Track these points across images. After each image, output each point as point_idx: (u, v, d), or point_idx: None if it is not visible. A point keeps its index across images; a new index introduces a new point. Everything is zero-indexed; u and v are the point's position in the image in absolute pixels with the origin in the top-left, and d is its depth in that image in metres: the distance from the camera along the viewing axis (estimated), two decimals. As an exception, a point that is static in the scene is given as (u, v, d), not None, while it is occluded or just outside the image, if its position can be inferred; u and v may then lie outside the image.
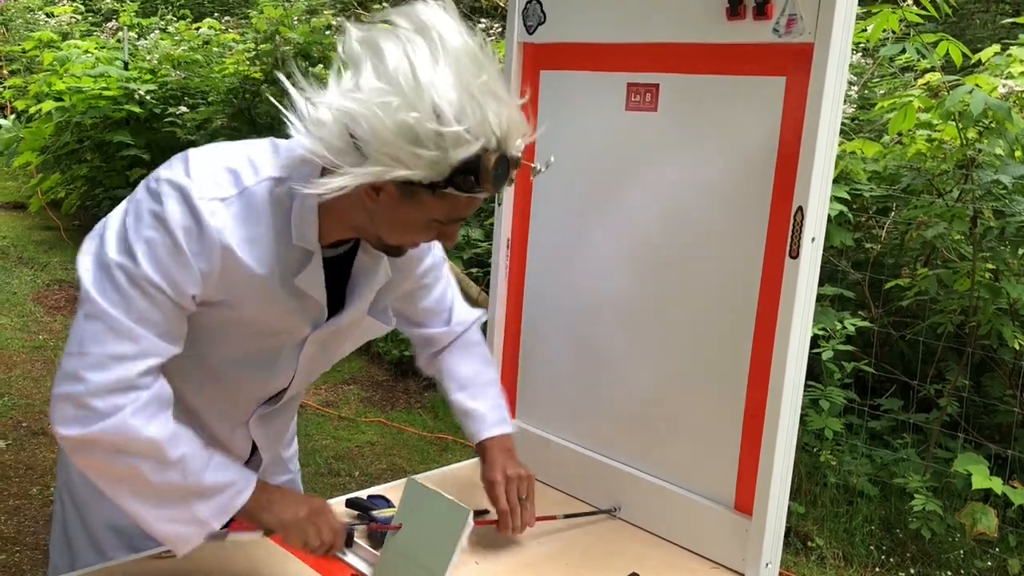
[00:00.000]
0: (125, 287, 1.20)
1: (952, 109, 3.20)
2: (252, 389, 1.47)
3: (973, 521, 3.12)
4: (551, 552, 1.61)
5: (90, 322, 1.21)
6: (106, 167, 7.13)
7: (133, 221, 1.23)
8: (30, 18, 10.32)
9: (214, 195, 1.24)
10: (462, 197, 1.22)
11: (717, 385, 1.60)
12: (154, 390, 1.24)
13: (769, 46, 1.45)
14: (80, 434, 1.20)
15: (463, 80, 1.15)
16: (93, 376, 1.19)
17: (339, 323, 1.43)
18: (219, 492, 1.30)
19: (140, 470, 1.23)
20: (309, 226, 1.30)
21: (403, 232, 1.29)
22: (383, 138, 1.14)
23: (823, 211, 1.45)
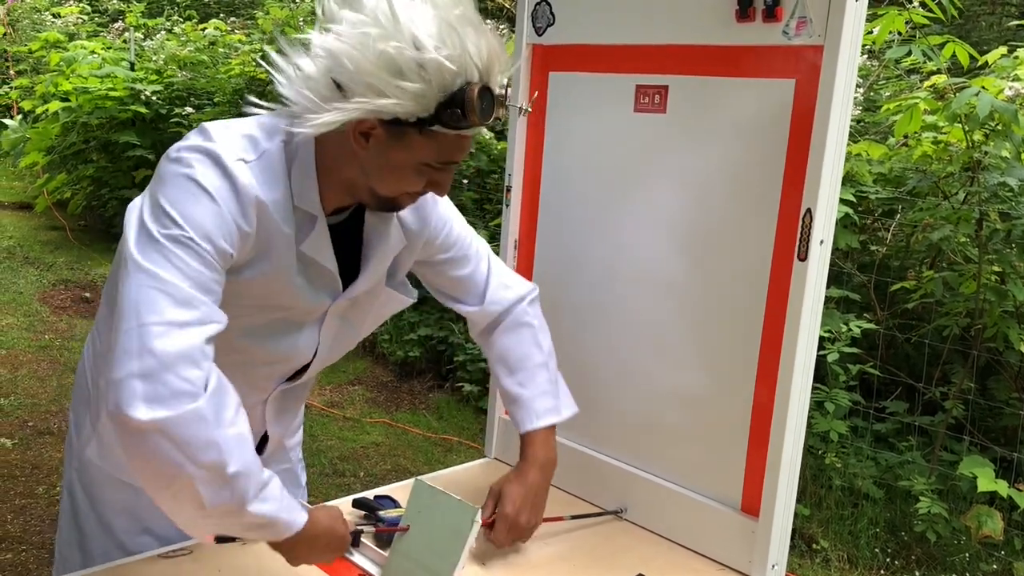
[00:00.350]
0: (172, 250, 1.16)
1: (958, 111, 3.20)
2: (275, 364, 1.45)
3: (978, 524, 3.12)
4: (558, 553, 1.61)
5: (144, 291, 1.13)
6: (112, 167, 7.15)
7: (168, 190, 1.20)
8: (37, 19, 10.35)
9: (240, 156, 1.25)
10: (450, 135, 1.23)
11: (725, 387, 1.60)
12: (220, 376, 1.17)
13: (778, 48, 1.45)
14: (153, 419, 1.08)
15: (440, 11, 1.18)
16: (160, 346, 1.10)
17: (356, 291, 1.43)
18: (259, 526, 1.22)
19: (193, 480, 1.12)
20: (308, 187, 1.30)
21: (394, 179, 1.28)
22: (365, 70, 1.16)
23: (832, 214, 1.45)
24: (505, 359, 1.65)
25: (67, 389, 4.43)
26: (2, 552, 3.06)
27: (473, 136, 1.28)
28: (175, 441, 1.10)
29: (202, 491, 1.13)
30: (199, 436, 1.11)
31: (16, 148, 7.66)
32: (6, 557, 3.03)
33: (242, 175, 1.23)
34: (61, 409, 4.21)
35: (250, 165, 1.25)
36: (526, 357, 1.65)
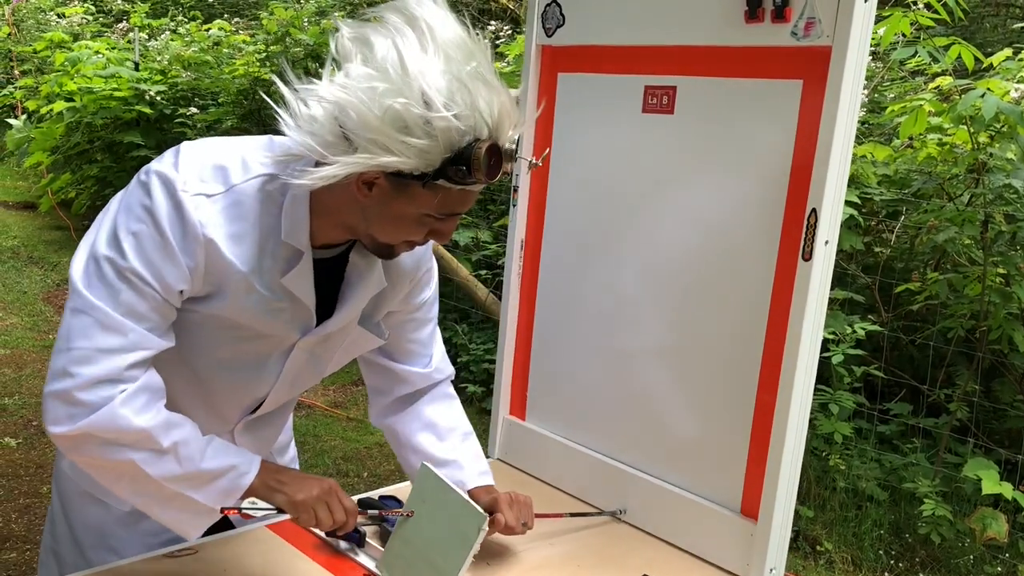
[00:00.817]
0: (113, 280, 1.20)
1: (964, 113, 3.19)
2: (235, 395, 1.44)
3: (983, 526, 3.12)
4: (559, 554, 1.61)
5: (77, 316, 1.20)
6: (116, 167, 7.17)
7: (124, 214, 1.23)
8: (41, 19, 10.37)
9: (199, 190, 1.22)
10: (454, 190, 1.20)
11: (726, 388, 1.60)
12: (143, 381, 1.23)
13: (787, 49, 1.44)
14: (70, 431, 1.18)
15: (452, 68, 1.15)
16: (80, 370, 1.18)
17: (328, 329, 1.40)
18: (219, 476, 1.28)
19: (135, 462, 1.22)
20: (300, 223, 1.28)
21: (396, 229, 1.26)
22: (370, 125, 1.13)
23: (837, 214, 1.44)
24: (435, 425, 1.62)
25: (71, 388, 4.44)
26: (6, 551, 3.06)
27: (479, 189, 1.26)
28: (104, 438, 1.20)
29: (148, 470, 1.22)
30: (123, 427, 1.20)
31: (20, 148, 7.69)
32: (10, 556, 3.04)
33: (195, 211, 1.21)
34: (65, 408, 4.22)
35: (212, 199, 1.23)
36: (455, 427, 1.63)
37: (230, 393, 1.44)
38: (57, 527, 1.57)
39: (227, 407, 1.46)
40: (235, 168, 1.26)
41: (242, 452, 1.33)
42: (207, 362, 1.37)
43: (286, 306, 1.33)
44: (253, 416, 1.49)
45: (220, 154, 1.27)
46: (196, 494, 1.27)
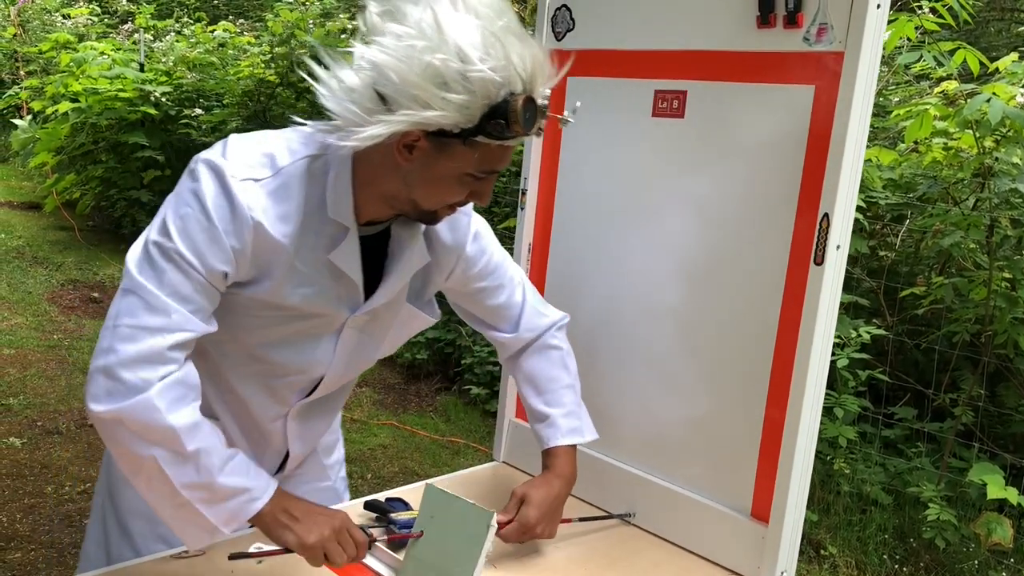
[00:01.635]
0: (160, 262, 1.24)
1: (969, 117, 3.20)
2: (291, 376, 1.46)
3: (988, 531, 3.11)
4: (570, 557, 1.61)
5: (126, 297, 1.24)
6: (121, 168, 7.18)
7: (173, 201, 1.28)
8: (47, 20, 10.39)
9: (247, 175, 1.27)
10: (493, 145, 1.23)
11: (737, 392, 1.60)
12: (184, 372, 1.25)
13: (799, 55, 1.45)
14: (108, 410, 1.20)
15: (484, 23, 1.17)
16: (123, 347, 1.21)
17: (375, 304, 1.43)
18: (231, 496, 1.27)
19: (157, 460, 1.22)
20: (343, 198, 1.31)
21: (438, 190, 1.29)
22: (410, 81, 1.16)
23: (849, 219, 1.45)
24: (533, 380, 1.67)
25: (76, 389, 4.45)
26: (11, 551, 3.07)
27: (519, 142, 1.28)
28: (132, 428, 1.21)
29: (168, 471, 1.23)
30: (152, 422, 1.20)
31: (26, 148, 7.70)
32: (15, 556, 3.04)
33: (243, 195, 1.25)
34: (70, 409, 4.22)
35: (261, 183, 1.27)
36: (554, 379, 1.67)
37: (286, 374, 1.46)
38: (106, 517, 1.58)
39: (284, 389, 1.48)
40: (281, 153, 1.30)
41: (260, 475, 1.32)
42: (261, 343, 1.40)
43: (332, 284, 1.37)
44: (308, 400, 1.52)
45: (267, 142, 1.31)
46: (205, 509, 1.26)
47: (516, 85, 1.19)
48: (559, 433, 1.62)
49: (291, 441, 1.56)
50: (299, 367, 1.45)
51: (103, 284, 6.26)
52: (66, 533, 3.20)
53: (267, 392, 1.47)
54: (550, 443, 1.62)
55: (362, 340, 1.48)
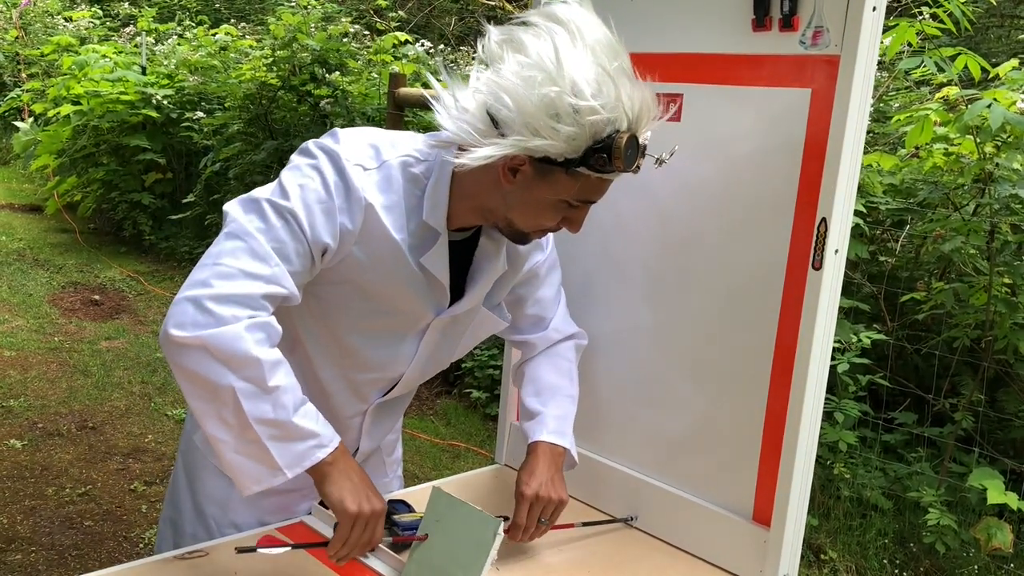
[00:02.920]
0: (271, 216, 1.29)
1: (970, 123, 3.20)
2: (374, 372, 1.51)
3: (988, 536, 3.11)
4: (571, 560, 1.62)
5: (230, 239, 1.27)
6: (122, 171, 7.19)
7: (290, 172, 1.33)
8: (49, 22, 10.41)
9: (358, 162, 1.33)
10: (593, 177, 1.29)
11: (737, 395, 1.60)
12: (271, 319, 1.28)
13: (795, 58, 1.45)
14: (190, 336, 1.21)
15: (600, 62, 1.24)
16: (221, 283, 1.24)
17: (460, 309, 1.48)
18: (301, 439, 1.28)
19: (235, 390, 1.22)
20: (440, 205, 1.37)
21: (534, 214, 1.35)
22: (525, 110, 1.22)
23: (847, 223, 1.45)
24: (536, 380, 1.69)
25: (76, 391, 4.45)
26: (12, 553, 3.07)
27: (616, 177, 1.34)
28: (216, 355, 1.22)
29: (245, 403, 1.23)
30: (239, 351, 1.22)
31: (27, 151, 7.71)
32: (15, 558, 3.04)
33: (356, 178, 1.32)
34: (70, 411, 4.23)
35: (368, 172, 1.34)
36: (557, 386, 1.69)
37: (369, 369, 1.50)
38: (180, 498, 1.62)
39: (366, 385, 1.53)
40: (386, 147, 1.38)
41: (328, 427, 1.33)
42: (350, 333, 1.45)
43: (422, 284, 1.42)
44: (386, 398, 1.57)
45: (373, 135, 1.39)
46: (273, 445, 1.26)
47: (622, 123, 1.25)
48: (544, 429, 1.62)
49: (363, 437, 1.61)
50: (383, 363, 1.50)
51: (104, 287, 6.27)
52: (67, 535, 3.20)
53: (350, 388, 1.52)
54: (532, 438, 1.62)
55: (442, 342, 1.54)
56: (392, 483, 1.84)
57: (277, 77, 6.19)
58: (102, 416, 4.20)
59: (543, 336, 1.70)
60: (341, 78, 5.96)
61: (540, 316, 1.69)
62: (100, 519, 3.33)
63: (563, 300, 1.73)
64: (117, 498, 3.49)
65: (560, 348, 1.72)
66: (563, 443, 1.62)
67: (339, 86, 5.91)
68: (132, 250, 7.10)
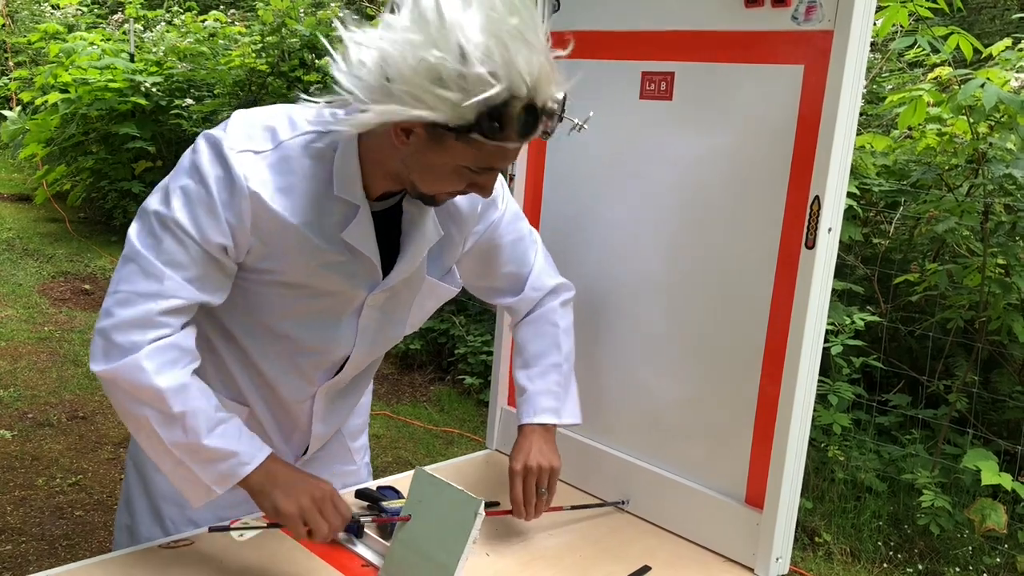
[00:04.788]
0: (157, 230, 1.27)
1: (963, 103, 3.18)
2: (315, 354, 1.47)
3: (982, 517, 3.11)
4: (562, 544, 1.60)
5: (125, 264, 1.29)
6: (112, 159, 7.13)
7: (174, 174, 1.31)
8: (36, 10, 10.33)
9: (246, 147, 1.28)
10: (488, 145, 1.20)
11: (729, 377, 1.59)
12: (177, 337, 1.28)
13: (787, 34, 1.43)
14: (103, 369, 1.25)
15: (493, 23, 1.14)
16: (119, 311, 1.26)
17: (393, 282, 1.43)
18: (220, 460, 1.30)
19: (149, 420, 1.27)
20: (351, 177, 1.32)
21: (433, 178, 1.28)
22: (405, 76, 1.15)
23: (840, 201, 1.43)
24: (522, 350, 1.66)
25: (67, 381, 4.42)
26: (2, 543, 3.05)
27: (520, 146, 1.25)
28: (125, 389, 1.26)
29: (159, 431, 1.27)
30: (141, 382, 1.25)
31: (15, 140, 7.65)
32: (5, 548, 3.02)
33: (239, 166, 1.26)
34: (61, 401, 4.20)
35: (261, 155, 1.29)
36: (542, 355, 1.64)
37: (312, 353, 1.47)
38: (134, 502, 1.59)
39: (310, 368, 1.49)
40: (283, 126, 1.32)
41: (253, 442, 1.34)
42: (284, 323, 1.42)
43: (348, 260, 1.37)
44: (335, 380, 1.53)
45: (268, 116, 1.33)
46: (196, 467, 1.30)
47: (519, 90, 1.15)
48: (532, 411, 1.61)
49: (315, 421, 1.56)
50: (322, 346, 1.46)
51: (94, 276, 6.23)
52: (57, 525, 3.18)
53: (295, 372, 1.48)
54: (522, 419, 1.61)
55: (383, 318, 1.49)
56: (360, 471, 1.79)
57: (266, 63, 6.15)
58: (93, 406, 4.18)
59: (523, 298, 1.64)
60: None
61: (515, 274, 1.62)
62: (91, 509, 3.31)
63: (540, 252, 1.65)
64: (108, 488, 3.47)
65: (544, 312, 1.65)
66: (550, 421, 1.61)
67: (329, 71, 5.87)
68: (122, 239, 6.90)
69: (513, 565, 1.53)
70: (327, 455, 1.68)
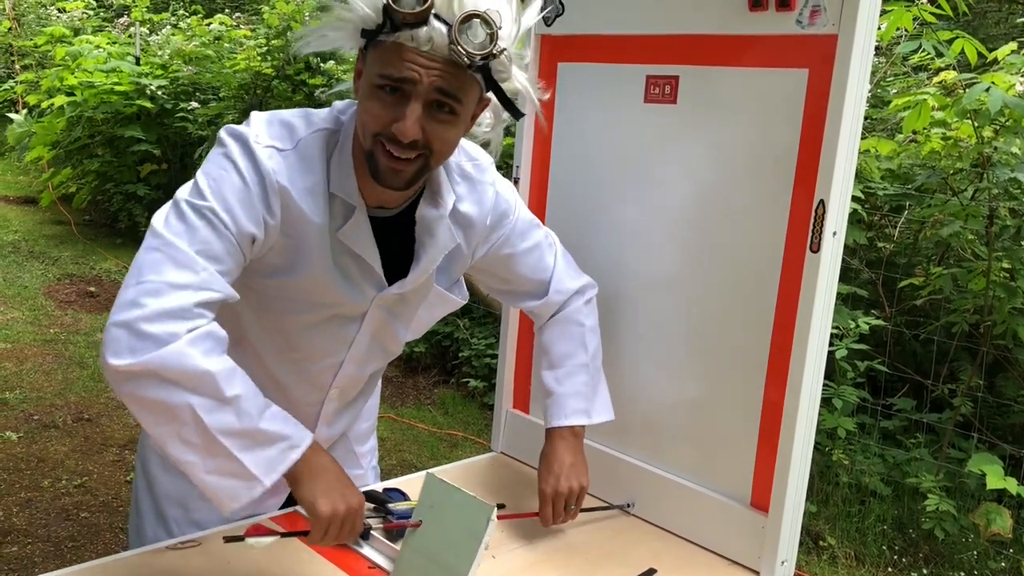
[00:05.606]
0: (191, 218, 1.22)
1: (968, 107, 3.18)
2: (326, 359, 1.48)
3: (987, 521, 3.11)
4: (567, 547, 1.60)
5: (150, 253, 1.20)
6: (117, 162, 7.15)
7: (204, 167, 1.29)
8: (42, 13, 10.36)
9: (270, 143, 1.29)
10: (388, 43, 1.22)
11: (735, 380, 1.59)
12: (213, 326, 1.21)
13: (792, 37, 1.43)
14: (132, 364, 1.14)
15: None
16: (150, 302, 1.16)
17: (404, 288, 1.43)
18: (271, 443, 1.22)
19: (193, 407, 1.16)
20: (346, 176, 1.33)
21: (362, 114, 1.28)
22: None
23: (845, 205, 1.43)
24: (548, 352, 1.65)
25: (72, 383, 4.43)
26: (8, 545, 3.06)
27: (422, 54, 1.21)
28: (167, 378, 1.15)
29: (205, 418, 1.16)
30: (188, 367, 1.15)
31: (21, 142, 7.67)
32: (11, 550, 3.03)
33: (267, 161, 1.28)
34: (66, 403, 4.21)
35: (283, 154, 1.30)
36: (569, 355, 1.64)
37: (321, 358, 1.47)
38: (142, 503, 1.59)
39: (320, 375, 1.50)
40: (299, 124, 1.33)
41: (297, 426, 1.27)
42: (292, 323, 1.42)
43: (351, 262, 1.38)
44: (343, 384, 1.53)
45: (286, 115, 1.35)
46: (244, 455, 1.20)
47: None
48: (562, 414, 1.60)
49: (320, 424, 1.57)
50: (330, 349, 1.47)
51: (100, 278, 6.25)
52: (63, 527, 3.19)
53: (304, 378, 1.49)
54: (552, 423, 1.61)
55: (390, 321, 1.49)
56: (367, 475, 1.79)
57: (272, 67, 6.16)
58: (98, 408, 4.19)
59: (546, 302, 1.63)
60: (336, 67, 5.93)
61: (536, 279, 1.62)
62: (96, 511, 3.32)
63: (560, 254, 1.64)
64: (113, 489, 3.48)
65: (569, 312, 1.65)
66: (580, 422, 1.61)
67: (334, 75, 5.88)
68: (127, 241, 7.06)
69: (518, 567, 1.53)
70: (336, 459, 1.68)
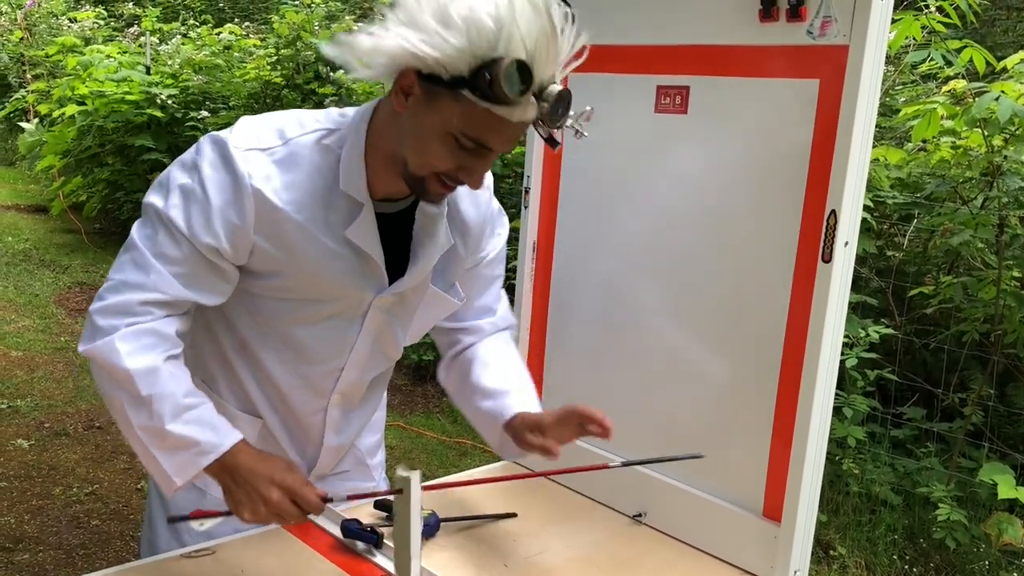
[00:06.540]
0: (154, 223, 1.30)
1: (978, 116, 3.18)
2: (326, 363, 1.47)
3: (999, 531, 3.09)
4: (578, 556, 1.61)
5: (123, 253, 1.31)
6: (128, 171, 7.19)
7: (176, 168, 1.33)
8: (53, 23, 10.43)
9: (252, 146, 1.30)
10: (479, 107, 1.19)
11: (747, 390, 1.59)
12: (156, 324, 1.29)
13: (803, 48, 1.44)
14: (84, 350, 1.28)
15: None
16: (107, 295, 1.29)
17: (403, 287, 1.43)
18: (181, 447, 1.28)
19: (121, 402, 1.28)
20: (356, 171, 1.33)
21: (423, 147, 1.25)
22: (411, 12, 1.18)
23: (856, 215, 1.44)
24: (487, 362, 1.58)
25: (83, 391, 4.45)
26: (19, 552, 3.07)
27: (512, 126, 1.22)
28: (102, 368, 1.28)
29: (129, 412, 1.28)
30: (111, 363, 1.26)
31: (33, 151, 7.72)
32: (23, 557, 3.04)
33: (243, 164, 1.28)
34: (77, 410, 4.23)
35: (267, 152, 1.30)
36: (512, 368, 1.60)
37: (321, 361, 1.47)
38: (154, 516, 1.60)
39: (321, 379, 1.49)
40: (291, 125, 1.34)
41: (218, 432, 1.30)
42: (291, 326, 1.43)
43: (354, 263, 1.37)
44: (345, 390, 1.51)
45: (276, 117, 1.36)
46: (159, 455, 1.29)
47: (516, 49, 1.15)
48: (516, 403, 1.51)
49: (327, 432, 1.55)
50: (331, 353, 1.46)
51: (110, 287, 6.27)
52: (74, 534, 3.20)
53: (305, 383, 1.48)
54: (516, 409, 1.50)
55: (389, 323, 1.48)
56: (380, 486, 1.77)
57: (281, 76, 6.19)
58: (108, 416, 4.17)
59: (491, 322, 1.62)
60: (345, 76, 5.96)
61: (488, 307, 1.62)
62: (107, 518, 3.33)
63: (504, 296, 1.67)
64: (124, 497, 3.49)
65: (504, 335, 1.65)
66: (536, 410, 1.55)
67: (344, 84, 5.90)
68: (138, 250, 7.09)
69: None
70: (346, 472, 1.68)
